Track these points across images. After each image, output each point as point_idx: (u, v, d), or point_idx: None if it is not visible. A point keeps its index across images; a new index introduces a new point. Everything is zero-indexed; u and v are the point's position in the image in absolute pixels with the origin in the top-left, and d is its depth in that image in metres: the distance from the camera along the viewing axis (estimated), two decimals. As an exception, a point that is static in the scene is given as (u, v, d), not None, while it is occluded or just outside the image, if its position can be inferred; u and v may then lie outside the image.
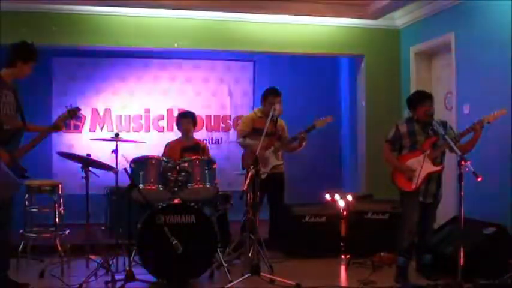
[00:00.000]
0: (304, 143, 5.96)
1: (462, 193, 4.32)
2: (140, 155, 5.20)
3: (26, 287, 4.60)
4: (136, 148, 6.01)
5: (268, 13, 7.03)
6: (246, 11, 6.95)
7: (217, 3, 6.69)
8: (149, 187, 4.98)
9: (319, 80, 8.54)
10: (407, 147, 5.02)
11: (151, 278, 4.80)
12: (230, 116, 8.29)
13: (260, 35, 7.25)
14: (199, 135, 7.65)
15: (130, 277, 4.65)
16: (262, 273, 4.84)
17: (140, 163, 5.06)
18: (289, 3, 6.87)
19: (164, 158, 5.23)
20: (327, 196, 7.36)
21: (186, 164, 5.10)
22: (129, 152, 5.28)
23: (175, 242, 4.62)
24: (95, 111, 7.89)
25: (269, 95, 6.03)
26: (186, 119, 5.98)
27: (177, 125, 6.09)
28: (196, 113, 6.50)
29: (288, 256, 5.93)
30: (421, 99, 5.00)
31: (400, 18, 7.40)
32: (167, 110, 8.02)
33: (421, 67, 7.22)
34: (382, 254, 5.64)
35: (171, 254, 4.64)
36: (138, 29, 6.94)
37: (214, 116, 8.27)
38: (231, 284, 4.71)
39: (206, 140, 7.82)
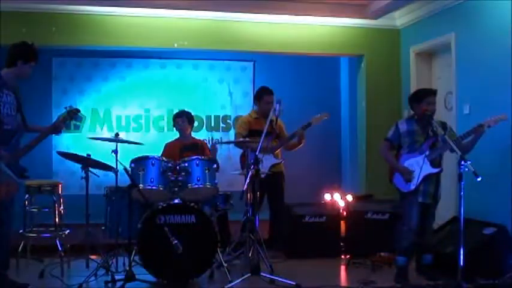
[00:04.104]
0: (303, 141, 5.98)
1: (462, 193, 4.32)
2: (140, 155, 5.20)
3: (26, 287, 4.60)
4: (136, 148, 6.01)
5: (268, 13, 7.03)
6: (246, 11, 6.95)
7: (217, 4, 6.69)
8: (149, 187, 4.97)
9: (319, 80, 8.55)
10: (406, 147, 5.02)
11: (151, 278, 4.80)
12: (230, 116, 8.30)
13: (260, 35, 7.25)
14: (199, 135, 7.66)
15: (130, 277, 4.65)
16: (262, 273, 4.83)
17: (140, 163, 5.06)
18: (289, 3, 6.87)
19: (164, 158, 5.22)
20: (327, 196, 7.39)
21: (186, 164, 5.10)
22: (129, 151, 5.27)
23: (176, 242, 4.62)
24: (95, 111, 7.90)
25: (264, 95, 6.05)
26: (180, 119, 6.00)
27: (174, 125, 6.10)
28: (196, 113, 6.50)
29: (288, 256, 5.93)
30: (421, 96, 5.00)
31: (400, 18, 7.40)
32: (167, 110, 8.02)
33: (421, 67, 7.22)
34: (382, 254, 5.65)
35: (171, 254, 4.64)
36: (138, 29, 6.94)
37: (214, 116, 8.27)
38: (231, 284, 4.71)
39: (206, 139, 7.83)
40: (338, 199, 7.11)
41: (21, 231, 5.49)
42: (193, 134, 6.21)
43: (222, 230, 5.41)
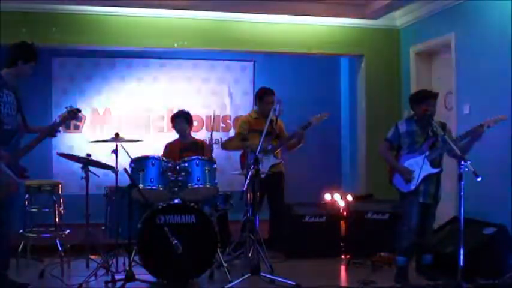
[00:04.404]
0: (302, 140, 5.97)
1: (462, 193, 4.32)
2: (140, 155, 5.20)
3: (26, 287, 4.60)
4: (137, 148, 6.01)
5: (268, 13, 7.03)
6: (245, 11, 6.95)
7: (217, 4, 6.69)
8: (149, 187, 4.97)
9: (319, 80, 8.54)
10: (406, 147, 5.02)
11: (151, 278, 4.80)
12: (230, 116, 8.29)
13: (260, 35, 7.25)
14: (199, 135, 7.65)
15: (130, 277, 4.65)
16: (262, 273, 4.83)
17: (140, 163, 5.06)
18: (290, 3, 6.87)
19: (164, 158, 5.22)
20: (327, 196, 7.38)
21: (186, 164, 5.10)
22: (129, 152, 5.27)
23: (175, 242, 4.62)
24: (95, 111, 7.90)
25: (265, 95, 6.05)
26: (178, 119, 5.99)
27: (172, 126, 6.10)
28: (197, 113, 6.49)
29: (288, 256, 5.93)
30: (422, 97, 4.99)
31: (400, 18, 7.40)
32: (167, 110, 8.02)
33: (421, 67, 7.22)
34: (382, 254, 5.64)
35: (171, 254, 4.64)
36: (138, 29, 6.94)
37: (214, 116, 8.25)
38: (231, 284, 4.71)
39: (206, 139, 7.82)
40: (338, 199, 7.10)
41: (21, 231, 5.49)
42: (193, 134, 6.20)
43: (222, 230, 5.41)
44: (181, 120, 5.97)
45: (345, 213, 6.35)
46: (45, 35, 6.62)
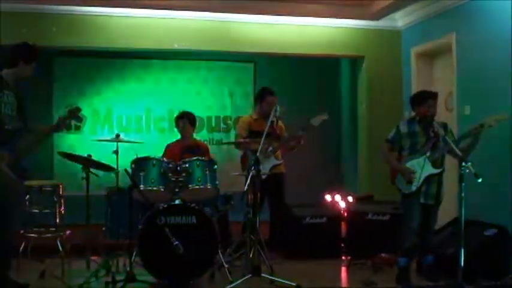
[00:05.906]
0: (302, 141, 5.96)
1: (463, 194, 4.31)
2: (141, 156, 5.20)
3: (26, 287, 4.59)
4: (137, 149, 5.99)
5: (269, 14, 7.04)
6: (246, 12, 6.95)
7: (217, 5, 6.69)
8: (150, 188, 4.97)
9: (319, 81, 8.55)
10: (407, 148, 5.01)
11: (152, 278, 4.80)
12: (230, 116, 8.30)
13: (260, 36, 7.25)
14: (200, 136, 7.65)
15: (130, 278, 4.64)
16: (262, 274, 4.82)
17: (141, 164, 5.06)
18: (290, 4, 6.87)
19: (165, 159, 5.22)
20: (328, 197, 7.39)
21: (186, 165, 5.10)
22: (130, 152, 5.27)
23: (176, 242, 4.62)
24: (95, 112, 7.89)
25: (268, 95, 6.04)
26: (181, 120, 6.01)
27: (176, 126, 6.11)
28: (197, 113, 6.50)
29: (289, 257, 5.93)
30: (422, 98, 4.99)
31: (401, 19, 7.41)
32: (168, 110, 8.03)
33: (422, 68, 7.22)
34: (383, 255, 5.64)
35: (172, 254, 4.64)
36: (139, 30, 6.95)
37: (215, 116, 8.27)
38: (232, 284, 4.70)
39: (207, 140, 7.84)
40: (338, 200, 7.11)
41: (22, 231, 5.48)
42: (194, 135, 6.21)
43: (222, 230, 5.40)
44: (184, 121, 5.99)
45: (345, 214, 6.35)
46: (46, 36, 6.62)
